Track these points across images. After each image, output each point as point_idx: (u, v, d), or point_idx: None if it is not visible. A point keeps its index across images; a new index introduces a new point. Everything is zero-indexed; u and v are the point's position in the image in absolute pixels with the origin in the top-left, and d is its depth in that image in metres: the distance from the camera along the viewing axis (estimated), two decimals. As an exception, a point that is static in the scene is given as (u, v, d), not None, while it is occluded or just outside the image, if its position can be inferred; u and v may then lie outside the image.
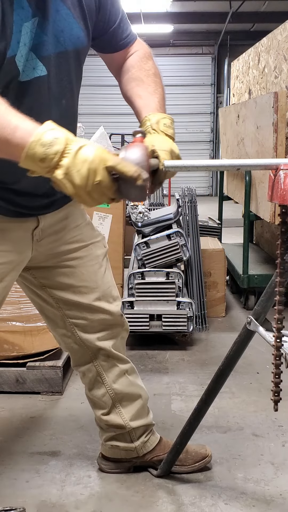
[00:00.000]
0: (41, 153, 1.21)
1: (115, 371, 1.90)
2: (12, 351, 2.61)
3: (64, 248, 1.74)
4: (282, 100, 3.23)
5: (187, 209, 3.77)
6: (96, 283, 1.80)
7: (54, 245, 1.72)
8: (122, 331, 1.91)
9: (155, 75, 1.68)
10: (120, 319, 1.88)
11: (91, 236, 1.82)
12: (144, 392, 1.98)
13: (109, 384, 1.89)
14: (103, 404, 1.92)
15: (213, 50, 12.27)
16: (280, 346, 1.41)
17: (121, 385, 1.91)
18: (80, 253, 1.77)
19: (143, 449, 1.98)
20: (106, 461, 2.02)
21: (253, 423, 2.37)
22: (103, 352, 1.86)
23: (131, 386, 1.94)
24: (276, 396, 1.43)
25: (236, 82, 5.36)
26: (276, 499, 1.87)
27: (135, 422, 1.94)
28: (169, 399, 2.57)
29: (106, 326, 1.85)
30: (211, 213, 5.35)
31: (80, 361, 1.90)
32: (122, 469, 2.01)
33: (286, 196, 1.31)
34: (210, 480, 1.97)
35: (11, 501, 1.85)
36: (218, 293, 3.83)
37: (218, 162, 1.54)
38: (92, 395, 1.93)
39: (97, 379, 1.90)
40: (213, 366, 2.75)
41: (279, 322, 1.40)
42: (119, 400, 1.91)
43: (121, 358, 1.91)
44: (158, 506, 1.84)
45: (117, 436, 1.96)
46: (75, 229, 1.76)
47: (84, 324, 1.82)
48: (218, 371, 1.72)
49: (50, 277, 1.77)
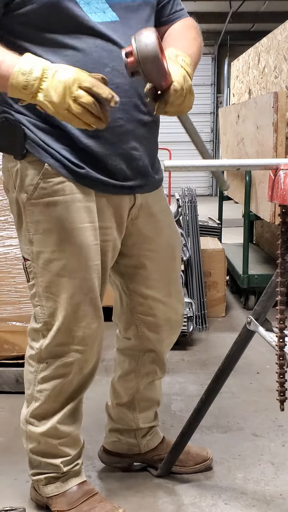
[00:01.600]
0: (22, 80, 1.33)
1: (151, 375, 1.90)
2: (12, 351, 2.61)
3: (150, 235, 1.74)
4: (282, 100, 3.23)
5: (187, 209, 3.77)
6: (168, 279, 1.80)
7: (145, 228, 1.72)
8: (176, 334, 1.91)
9: (195, 39, 1.65)
10: (181, 319, 1.89)
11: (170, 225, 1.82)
12: (161, 398, 1.99)
13: (139, 384, 1.89)
14: (123, 395, 1.92)
15: (213, 50, 12.27)
16: (283, 346, 1.41)
17: (148, 389, 1.91)
18: (159, 245, 1.76)
19: (145, 447, 1.98)
20: (108, 454, 2.02)
21: (253, 423, 2.37)
22: (153, 355, 1.87)
23: (155, 392, 1.94)
24: (282, 396, 1.44)
25: (236, 82, 5.36)
26: (276, 499, 1.87)
27: (144, 424, 1.95)
28: (169, 399, 2.57)
29: (169, 326, 1.85)
30: (211, 213, 5.35)
31: (127, 343, 1.90)
32: (123, 464, 2.01)
33: (286, 196, 1.31)
34: (210, 480, 1.97)
35: (11, 501, 1.85)
36: (218, 293, 3.83)
37: (218, 162, 1.54)
38: (119, 384, 1.93)
39: (131, 374, 1.90)
40: (213, 366, 2.74)
41: (282, 322, 1.40)
42: (138, 400, 1.92)
43: (163, 365, 1.91)
44: (158, 506, 1.84)
45: (122, 430, 1.97)
46: (161, 213, 1.76)
47: (150, 322, 1.82)
48: (218, 371, 1.72)
49: (129, 265, 1.77)
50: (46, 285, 1.60)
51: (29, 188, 1.56)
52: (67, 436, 1.71)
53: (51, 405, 1.68)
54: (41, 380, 1.67)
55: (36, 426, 1.70)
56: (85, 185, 1.57)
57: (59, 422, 1.69)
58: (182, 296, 1.89)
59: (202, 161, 1.46)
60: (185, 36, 1.65)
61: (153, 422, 1.99)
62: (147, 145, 1.64)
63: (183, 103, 1.47)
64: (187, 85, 1.46)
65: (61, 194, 1.55)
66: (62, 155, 1.54)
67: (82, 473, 1.78)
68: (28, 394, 1.72)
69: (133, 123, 1.56)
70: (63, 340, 1.62)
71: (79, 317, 1.60)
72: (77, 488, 1.74)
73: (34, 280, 1.62)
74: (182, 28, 1.68)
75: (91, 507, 1.70)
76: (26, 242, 1.61)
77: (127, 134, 1.56)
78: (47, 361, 1.65)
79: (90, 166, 1.56)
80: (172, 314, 1.84)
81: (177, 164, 1.38)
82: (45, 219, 1.56)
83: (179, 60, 1.50)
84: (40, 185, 1.55)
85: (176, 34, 1.67)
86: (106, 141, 1.55)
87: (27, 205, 1.57)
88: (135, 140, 1.59)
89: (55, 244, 1.56)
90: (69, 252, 1.56)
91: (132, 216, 1.69)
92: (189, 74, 1.49)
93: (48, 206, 1.55)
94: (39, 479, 1.75)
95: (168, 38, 1.67)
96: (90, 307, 1.61)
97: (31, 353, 1.69)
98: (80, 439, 1.77)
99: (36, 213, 1.57)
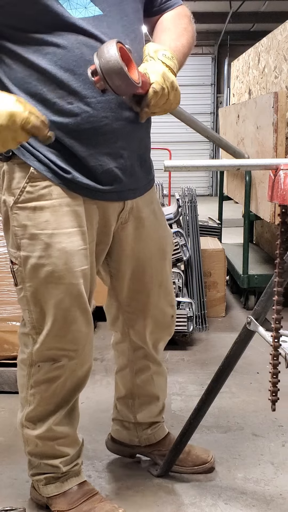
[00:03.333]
0: None
1: (145, 371, 1.90)
2: (12, 351, 2.61)
3: (141, 237, 1.73)
4: (282, 100, 3.23)
5: (187, 209, 3.77)
6: (159, 282, 1.80)
7: (135, 231, 1.71)
8: (167, 335, 1.91)
9: (185, 29, 1.61)
10: (172, 321, 1.89)
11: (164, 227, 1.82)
12: (164, 394, 1.99)
13: (135, 379, 1.91)
14: (121, 389, 1.95)
15: (213, 50, 12.26)
16: (278, 346, 1.41)
17: (146, 384, 1.92)
18: (149, 248, 1.76)
19: (146, 441, 1.99)
20: (112, 442, 2.05)
21: (253, 423, 2.37)
22: (142, 351, 1.88)
23: (154, 388, 1.94)
24: (274, 396, 1.43)
25: (236, 82, 5.36)
26: (276, 499, 1.87)
27: (143, 419, 1.96)
28: (169, 399, 2.57)
29: (157, 328, 1.85)
30: (211, 213, 5.35)
31: (118, 339, 1.92)
32: (126, 453, 2.04)
33: (286, 196, 1.31)
34: (210, 480, 1.97)
35: (11, 501, 1.85)
36: (218, 293, 3.83)
37: (218, 162, 1.54)
38: (118, 378, 1.96)
39: (126, 369, 1.92)
40: (213, 366, 2.74)
41: (277, 322, 1.40)
42: (137, 395, 1.93)
43: (156, 360, 1.91)
44: (158, 506, 1.84)
45: (123, 421, 1.99)
46: (152, 215, 1.75)
47: (138, 323, 1.82)
48: (218, 371, 1.72)
49: (118, 267, 1.76)
50: (34, 291, 1.57)
51: (16, 191, 1.53)
52: (65, 437, 1.71)
53: (45, 408, 1.67)
54: (33, 383, 1.66)
55: (31, 429, 1.70)
56: (72, 190, 1.54)
57: (55, 423, 1.68)
58: (172, 298, 1.87)
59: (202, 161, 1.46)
60: (175, 27, 1.61)
61: (155, 417, 1.98)
62: (136, 144, 1.61)
63: (168, 101, 1.45)
64: (168, 83, 1.43)
65: (48, 198, 1.52)
66: (48, 158, 1.51)
67: (82, 473, 1.78)
68: (22, 397, 1.71)
69: (120, 121, 1.52)
70: (54, 344, 1.61)
71: (68, 322, 1.59)
72: (77, 488, 1.74)
73: (22, 284, 1.59)
74: (173, 17, 1.64)
75: (91, 507, 1.70)
76: (13, 246, 1.58)
77: (113, 133, 1.52)
78: (39, 364, 1.64)
79: (77, 170, 1.52)
80: (160, 316, 1.84)
81: (177, 164, 1.38)
82: (32, 224, 1.53)
83: (159, 55, 1.46)
84: (27, 189, 1.52)
85: (165, 24, 1.63)
86: (92, 141, 1.51)
87: (14, 209, 1.54)
88: (122, 139, 1.55)
89: (42, 249, 1.53)
90: (57, 257, 1.53)
91: (122, 220, 1.67)
92: (171, 69, 1.46)
93: (35, 211, 1.52)
94: (39, 479, 1.75)
95: (157, 28, 1.64)
96: (79, 312, 1.59)
97: (22, 357, 1.68)
98: (78, 438, 1.77)
99: (23, 217, 1.53)
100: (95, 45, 1.44)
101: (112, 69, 1.31)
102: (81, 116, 1.48)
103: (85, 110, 1.47)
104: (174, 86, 1.45)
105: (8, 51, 1.48)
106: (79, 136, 1.50)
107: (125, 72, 1.32)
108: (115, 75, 1.32)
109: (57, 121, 1.48)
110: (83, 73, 1.44)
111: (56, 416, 1.68)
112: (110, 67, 1.31)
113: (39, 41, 1.45)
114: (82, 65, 1.45)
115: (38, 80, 1.47)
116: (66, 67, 1.45)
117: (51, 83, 1.46)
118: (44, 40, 1.45)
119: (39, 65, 1.45)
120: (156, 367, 1.92)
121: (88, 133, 1.49)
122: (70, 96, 1.46)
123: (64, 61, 1.44)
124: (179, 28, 1.61)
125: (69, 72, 1.45)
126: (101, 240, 1.66)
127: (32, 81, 1.47)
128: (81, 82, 1.46)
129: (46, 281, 1.55)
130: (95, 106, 1.48)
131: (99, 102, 1.47)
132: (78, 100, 1.47)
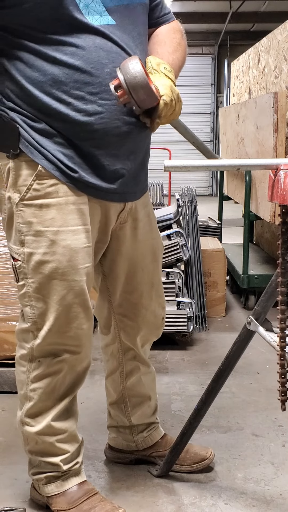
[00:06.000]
0: None
1: (135, 372, 1.92)
2: (12, 351, 2.60)
3: (136, 238, 1.77)
4: (282, 100, 3.23)
5: (187, 209, 3.77)
6: (151, 283, 1.83)
7: (131, 232, 1.75)
8: (155, 336, 1.93)
9: (179, 44, 1.69)
10: (162, 323, 1.91)
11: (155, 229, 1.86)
12: (154, 394, 2.00)
13: (126, 382, 1.92)
14: (113, 394, 1.96)
15: (213, 50, 12.27)
16: (285, 346, 1.41)
17: (136, 385, 1.93)
18: (142, 249, 1.79)
19: (143, 444, 1.99)
20: (111, 450, 2.06)
21: (253, 423, 2.37)
22: (132, 352, 1.89)
23: (144, 387, 1.95)
24: (283, 395, 1.44)
25: (236, 82, 5.36)
26: (276, 499, 1.87)
27: (138, 420, 1.96)
28: (169, 399, 2.57)
29: (147, 329, 1.87)
30: (211, 213, 5.35)
31: (108, 342, 1.93)
32: (125, 460, 2.03)
33: (286, 196, 1.31)
34: (210, 480, 1.97)
35: (11, 501, 1.85)
36: (218, 293, 3.83)
37: (218, 162, 1.55)
38: (108, 382, 1.97)
39: (116, 373, 1.93)
40: (213, 366, 2.74)
41: (283, 322, 1.40)
42: (128, 397, 1.93)
43: (145, 361, 1.94)
44: (158, 506, 1.84)
45: (119, 427, 1.99)
46: (147, 217, 1.79)
47: (128, 324, 1.84)
48: (218, 371, 1.73)
49: (111, 267, 1.79)
50: (37, 287, 1.59)
51: (22, 189, 1.56)
52: (64, 433, 1.72)
53: (44, 403, 1.69)
54: (33, 378, 1.68)
55: (31, 426, 1.70)
56: (78, 188, 1.57)
57: (54, 419, 1.69)
58: (163, 300, 1.90)
59: (202, 161, 1.46)
60: (170, 41, 1.68)
61: (149, 418, 1.99)
62: (141, 148, 1.67)
63: (174, 111, 1.53)
64: (175, 95, 1.51)
65: (54, 196, 1.55)
66: (56, 157, 1.54)
67: (82, 472, 1.79)
68: (21, 394, 1.72)
69: (130, 125, 1.57)
70: (55, 340, 1.63)
71: (70, 318, 1.61)
72: (77, 487, 1.74)
73: (24, 280, 1.61)
74: (168, 31, 1.71)
75: (91, 506, 1.70)
76: (16, 242, 1.60)
77: (123, 136, 1.57)
78: (39, 359, 1.66)
79: (84, 170, 1.56)
80: (151, 318, 1.86)
81: (177, 164, 1.39)
82: (37, 221, 1.56)
83: (161, 68, 1.54)
84: (34, 187, 1.55)
85: (161, 37, 1.70)
86: (103, 142, 1.55)
87: (19, 206, 1.57)
88: (130, 142, 1.60)
89: (47, 246, 1.56)
90: (61, 254, 1.56)
91: (121, 220, 1.71)
92: (173, 81, 1.55)
93: (41, 208, 1.55)
94: (39, 479, 1.75)
95: (153, 41, 1.70)
96: (81, 308, 1.62)
97: (22, 353, 1.70)
98: (77, 435, 1.77)
99: (28, 214, 1.56)
100: (111, 49, 1.51)
101: (139, 84, 1.41)
102: (94, 117, 1.52)
103: (99, 111, 1.52)
104: (179, 98, 1.53)
105: (29, 49, 1.50)
106: (90, 136, 1.54)
107: (150, 87, 1.43)
108: (141, 89, 1.42)
109: (70, 119, 1.51)
110: (100, 75, 1.50)
111: (55, 412, 1.69)
112: (137, 82, 1.41)
113: (59, 41, 1.49)
114: (99, 68, 1.50)
115: (54, 79, 1.50)
116: (84, 68, 1.50)
117: (69, 82, 1.50)
118: (63, 40, 1.49)
119: (61, 60, 1.49)
120: (145, 368, 1.94)
121: (100, 134, 1.53)
122: (86, 96, 1.51)
123: (83, 62, 1.49)
124: (173, 42, 1.69)
125: (87, 73, 1.50)
126: (100, 239, 1.70)
127: (47, 80, 1.50)
128: (97, 84, 1.51)
129: (50, 277, 1.57)
130: (109, 108, 1.52)
131: (113, 104, 1.52)
132: (93, 101, 1.51)
